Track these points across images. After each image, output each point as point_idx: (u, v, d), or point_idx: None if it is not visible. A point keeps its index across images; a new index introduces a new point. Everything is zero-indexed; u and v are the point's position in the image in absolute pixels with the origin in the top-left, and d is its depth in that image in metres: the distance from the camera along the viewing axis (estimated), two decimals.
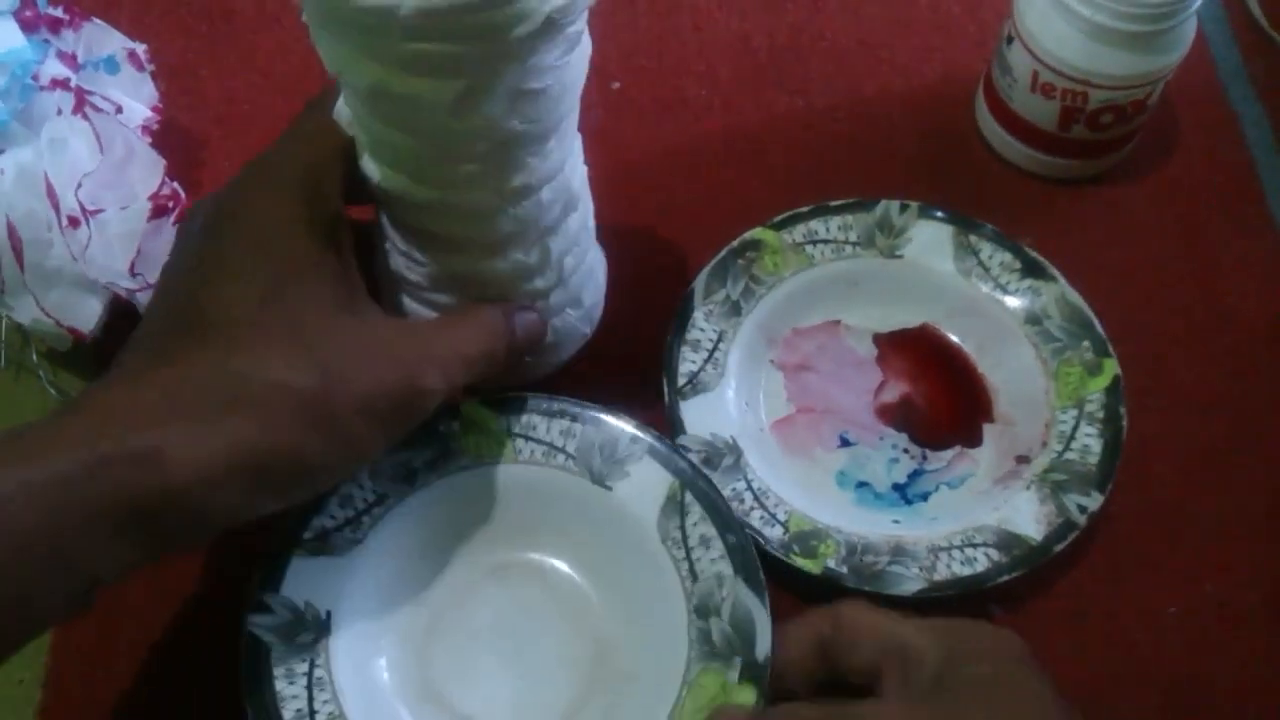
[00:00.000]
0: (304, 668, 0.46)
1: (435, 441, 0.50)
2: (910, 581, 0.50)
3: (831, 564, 0.50)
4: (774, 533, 0.51)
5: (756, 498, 0.52)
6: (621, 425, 0.51)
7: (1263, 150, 0.65)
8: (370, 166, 0.46)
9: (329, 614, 0.47)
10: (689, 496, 0.49)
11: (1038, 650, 0.45)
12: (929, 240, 0.58)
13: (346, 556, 0.48)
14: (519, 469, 0.51)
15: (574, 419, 0.51)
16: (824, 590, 0.50)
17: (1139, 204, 0.64)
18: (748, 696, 0.46)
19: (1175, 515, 0.55)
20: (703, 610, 0.48)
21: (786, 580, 0.51)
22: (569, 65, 0.43)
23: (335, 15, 0.39)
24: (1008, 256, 0.58)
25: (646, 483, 0.50)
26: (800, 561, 0.50)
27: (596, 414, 0.51)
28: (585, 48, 0.44)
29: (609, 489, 0.50)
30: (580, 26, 0.42)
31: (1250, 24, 0.70)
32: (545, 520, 0.51)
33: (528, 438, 0.51)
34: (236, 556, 0.49)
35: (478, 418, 0.51)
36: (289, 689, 0.45)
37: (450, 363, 0.45)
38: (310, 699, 0.46)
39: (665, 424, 0.53)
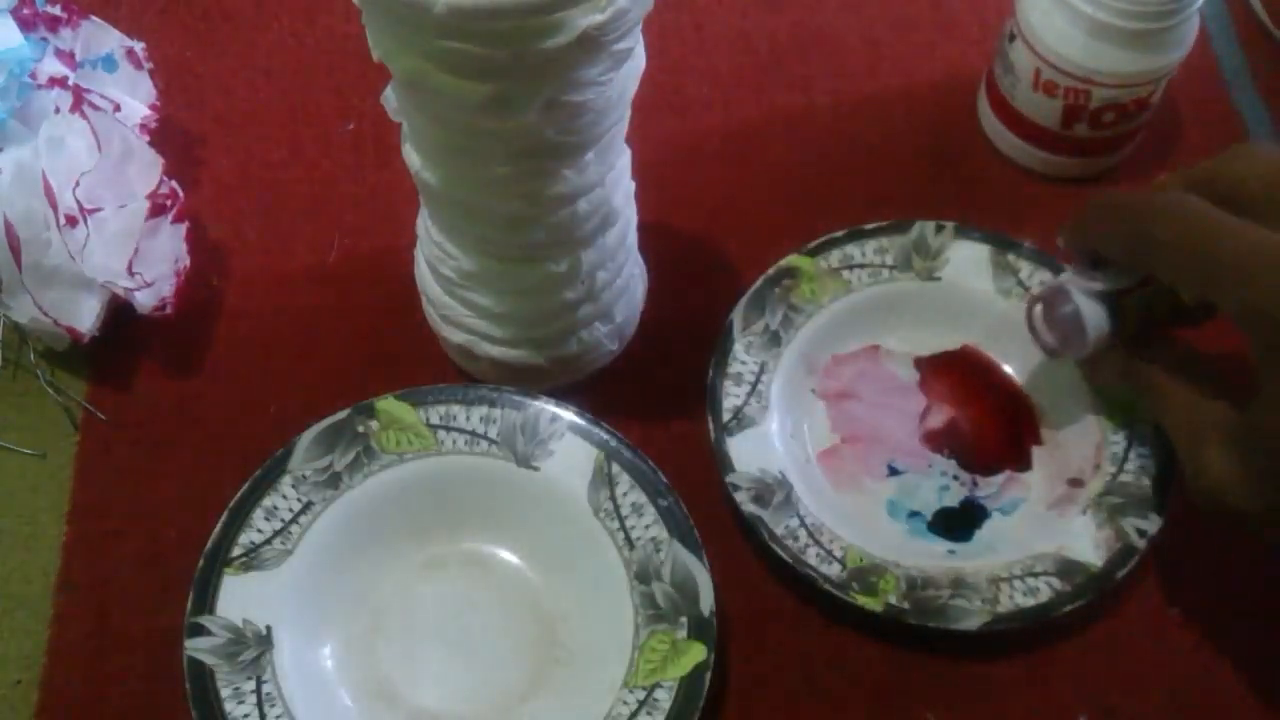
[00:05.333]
0: (251, 685, 0.46)
1: (355, 442, 0.50)
2: (974, 615, 0.49)
3: (893, 600, 0.49)
4: (832, 570, 0.50)
5: (811, 534, 0.51)
6: (540, 405, 0.51)
7: None
8: (411, 156, 0.46)
9: (269, 628, 0.47)
10: (615, 467, 0.50)
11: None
12: (966, 261, 0.57)
13: (279, 569, 0.48)
14: (444, 460, 0.51)
15: (492, 404, 0.51)
16: (885, 627, 0.50)
17: None
18: (698, 652, 0.46)
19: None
20: (643, 575, 0.48)
21: (844, 616, 0.51)
22: (613, 81, 0.42)
23: (378, 4, 0.39)
24: (1047, 275, 0.56)
25: (572, 459, 0.50)
26: (861, 599, 0.49)
27: (513, 396, 0.51)
28: (635, 65, 0.44)
29: (536, 469, 0.50)
30: (629, 45, 0.41)
31: (1253, 22, 0.69)
32: (476, 508, 0.51)
33: (449, 428, 0.51)
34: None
35: (396, 413, 0.51)
36: (239, 709, 0.45)
37: None
38: (262, 715, 0.46)
39: (711, 460, 0.52)
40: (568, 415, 0.51)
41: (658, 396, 0.56)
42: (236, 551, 0.48)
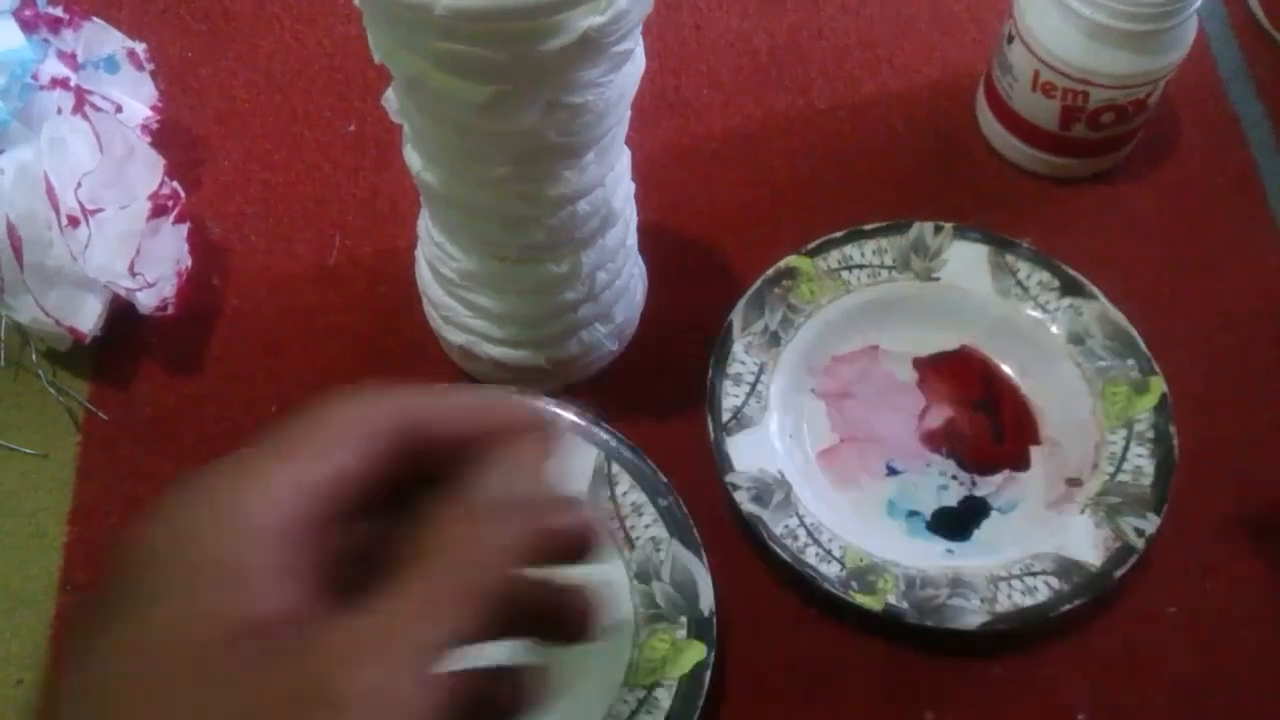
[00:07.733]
0: None
1: None
2: (973, 614, 0.49)
3: (892, 600, 0.49)
4: (831, 569, 0.50)
5: (810, 534, 0.51)
6: (539, 406, 0.51)
7: (1263, 149, 0.65)
8: (413, 157, 0.46)
9: None
10: (615, 467, 0.50)
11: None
12: (965, 261, 0.58)
13: None
14: None
15: None
16: (884, 626, 0.50)
17: (1139, 203, 0.64)
18: (697, 651, 0.47)
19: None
20: (643, 575, 0.49)
21: (843, 615, 0.51)
22: (613, 83, 0.42)
23: (379, 5, 0.39)
24: (1045, 275, 0.57)
25: (571, 459, 0.50)
26: (861, 599, 0.49)
27: (514, 396, 0.51)
28: (635, 66, 0.44)
29: None
30: (629, 46, 0.41)
31: (1251, 23, 0.70)
32: None
33: None
34: None
35: None
36: None
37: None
38: None
39: (711, 460, 0.52)
40: (568, 415, 0.51)
41: (658, 396, 0.56)
42: None
